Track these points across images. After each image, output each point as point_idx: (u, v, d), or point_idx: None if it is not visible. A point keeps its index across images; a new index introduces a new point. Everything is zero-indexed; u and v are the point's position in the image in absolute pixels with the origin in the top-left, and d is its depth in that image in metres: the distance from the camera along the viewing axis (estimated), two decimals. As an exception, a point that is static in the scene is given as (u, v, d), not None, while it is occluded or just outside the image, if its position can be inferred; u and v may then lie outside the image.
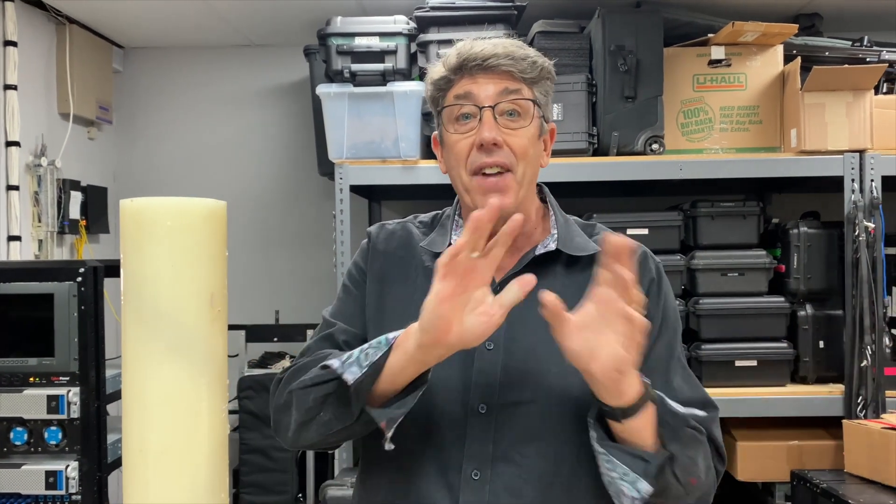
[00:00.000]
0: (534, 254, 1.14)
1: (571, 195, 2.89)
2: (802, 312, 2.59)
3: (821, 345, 2.59)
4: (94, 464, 2.18)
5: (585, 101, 2.56)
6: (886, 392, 2.47)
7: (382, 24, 2.62)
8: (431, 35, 2.61)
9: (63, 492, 2.14)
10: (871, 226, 2.47)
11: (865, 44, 2.78)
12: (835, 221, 2.61)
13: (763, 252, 2.60)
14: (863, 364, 2.45)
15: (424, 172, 2.58)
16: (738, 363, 2.54)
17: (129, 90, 3.55)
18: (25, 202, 2.89)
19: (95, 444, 2.18)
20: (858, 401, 2.46)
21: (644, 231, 2.58)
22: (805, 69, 2.54)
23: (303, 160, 3.46)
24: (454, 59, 1.12)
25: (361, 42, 2.60)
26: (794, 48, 2.70)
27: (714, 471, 1.10)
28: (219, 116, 3.55)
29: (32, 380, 2.18)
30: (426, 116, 2.56)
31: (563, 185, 2.51)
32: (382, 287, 1.18)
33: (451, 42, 1.18)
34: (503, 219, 1.12)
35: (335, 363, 1.02)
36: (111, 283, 2.18)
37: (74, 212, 3.07)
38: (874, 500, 2.10)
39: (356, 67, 2.58)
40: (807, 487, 2.33)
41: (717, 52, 2.63)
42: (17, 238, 2.81)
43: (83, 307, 2.18)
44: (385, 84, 2.59)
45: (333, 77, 2.63)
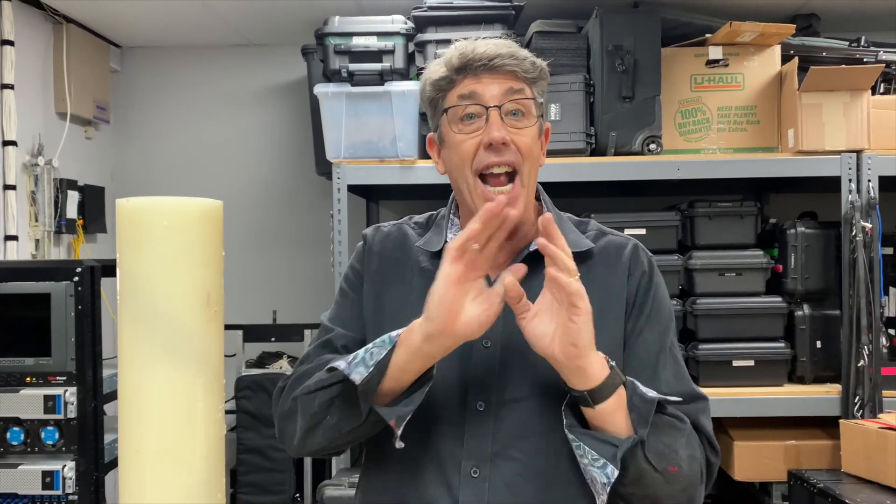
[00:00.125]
0: (528, 251, 1.15)
1: (569, 195, 2.88)
2: (800, 312, 2.60)
3: (818, 345, 2.59)
4: (91, 464, 2.18)
5: (583, 101, 2.56)
6: (883, 392, 2.47)
7: (380, 24, 2.61)
8: (429, 35, 2.61)
9: (60, 492, 2.14)
10: (868, 226, 2.47)
11: (862, 44, 2.78)
12: (832, 221, 2.61)
13: (760, 252, 2.61)
14: (860, 364, 2.46)
15: (422, 172, 2.58)
16: (736, 363, 2.55)
17: (127, 90, 3.55)
18: (22, 202, 2.88)
19: (92, 444, 2.18)
20: (855, 401, 2.46)
21: (642, 231, 2.58)
22: (802, 69, 2.54)
23: (300, 160, 3.46)
24: (457, 60, 1.12)
25: (359, 42, 2.60)
26: (792, 48, 2.71)
27: (703, 462, 1.09)
28: (216, 116, 3.54)
29: (29, 380, 2.17)
30: (424, 116, 2.55)
31: (561, 185, 2.51)
32: (379, 289, 1.19)
33: (449, 42, 1.18)
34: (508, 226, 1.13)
35: (342, 364, 1.03)
36: (108, 283, 2.18)
37: (71, 211, 3.07)
38: (871, 500, 2.11)
39: (354, 67, 2.58)
40: (804, 487, 2.34)
41: (715, 53, 2.63)
42: (14, 238, 2.81)
43: (80, 307, 2.17)
44: (383, 84, 2.59)
45: (331, 77, 2.63)
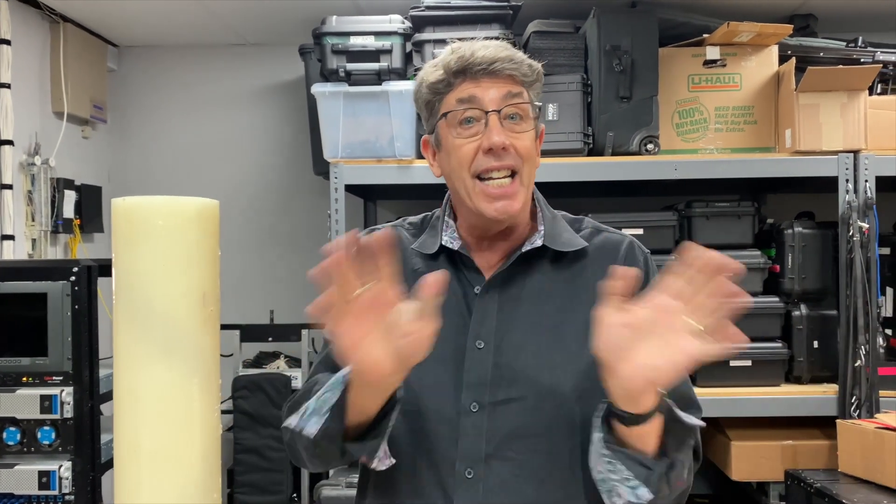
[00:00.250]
0: (521, 251, 1.14)
1: (566, 195, 2.89)
2: (797, 312, 2.60)
3: (815, 345, 2.60)
4: (88, 464, 2.17)
5: (580, 101, 2.56)
6: (880, 392, 2.47)
7: (378, 24, 2.61)
8: (427, 35, 2.60)
9: (56, 492, 2.14)
10: (866, 226, 2.47)
11: (860, 44, 2.78)
12: (829, 222, 2.61)
13: (758, 252, 2.61)
14: (857, 364, 2.46)
15: (420, 172, 2.58)
16: (733, 363, 2.55)
17: (124, 89, 3.54)
18: (19, 201, 2.88)
19: (89, 444, 2.17)
20: (852, 401, 2.47)
21: (639, 231, 2.58)
22: (800, 70, 2.54)
23: (298, 159, 3.46)
24: (455, 63, 1.11)
25: (356, 41, 2.59)
26: (789, 49, 2.71)
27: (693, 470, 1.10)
28: (214, 116, 3.54)
29: (25, 379, 2.17)
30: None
31: (559, 185, 2.52)
32: None
33: (447, 42, 1.17)
34: (506, 224, 1.12)
35: (293, 421, 1.03)
36: (105, 283, 2.17)
37: (68, 211, 3.06)
38: (868, 500, 2.11)
39: (351, 67, 2.58)
40: (801, 487, 2.34)
41: (712, 53, 2.63)
42: (11, 237, 2.80)
43: (77, 306, 2.17)
44: (380, 83, 2.59)
45: (328, 76, 2.62)
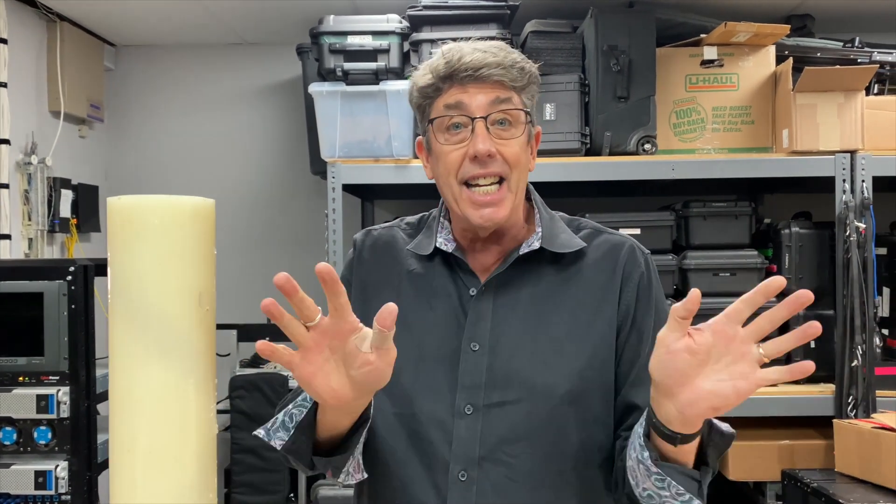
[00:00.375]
0: (518, 253, 1.14)
1: (564, 195, 2.89)
2: (794, 312, 2.60)
3: (812, 345, 2.59)
4: (84, 464, 2.17)
5: (578, 101, 2.56)
6: (877, 392, 2.48)
7: (375, 23, 2.61)
8: (424, 34, 2.60)
9: (52, 492, 2.13)
10: (862, 226, 2.48)
11: (857, 45, 2.79)
12: (826, 222, 2.61)
13: (755, 252, 2.61)
14: (853, 364, 2.46)
15: (417, 171, 2.58)
16: (730, 363, 2.55)
17: (121, 88, 3.54)
18: (15, 200, 2.87)
19: (85, 444, 2.17)
20: (849, 400, 2.47)
21: (636, 231, 2.59)
22: (797, 70, 2.55)
23: (295, 159, 3.45)
24: (443, 68, 1.09)
25: (354, 41, 2.59)
26: (786, 49, 2.71)
27: None
28: (211, 115, 3.53)
29: (22, 379, 2.16)
30: (418, 116, 2.55)
31: (556, 185, 2.52)
32: (367, 296, 1.17)
33: (444, 41, 1.16)
34: (494, 229, 1.12)
35: (261, 432, 1.04)
36: (102, 282, 2.17)
37: (65, 210, 3.05)
38: (864, 499, 2.11)
39: (349, 66, 2.58)
40: (798, 487, 2.34)
41: (710, 53, 2.63)
42: (7, 237, 2.80)
43: (73, 306, 2.16)
44: (378, 83, 2.58)
45: (326, 76, 2.62)
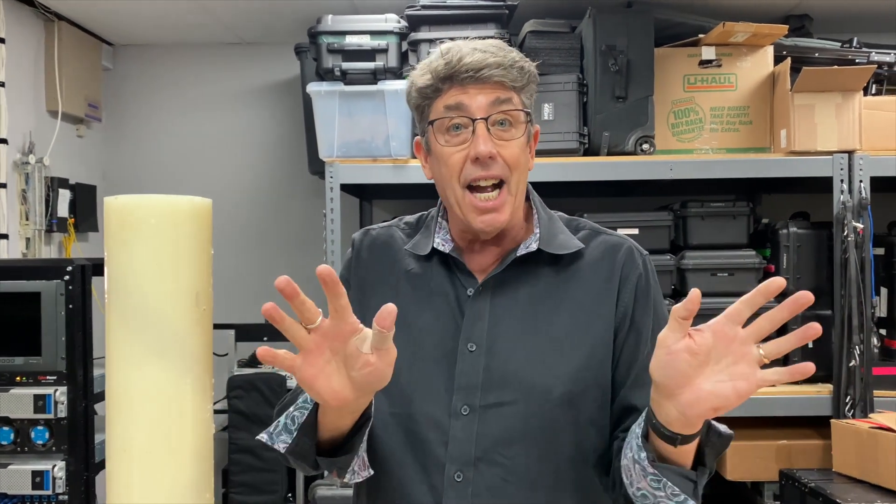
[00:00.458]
0: (515, 255, 1.13)
1: (562, 195, 2.89)
2: (792, 312, 2.60)
3: (809, 345, 2.57)
4: (82, 464, 2.16)
5: (576, 101, 2.56)
6: (875, 392, 2.48)
7: (373, 23, 2.61)
8: (422, 34, 2.60)
9: (50, 492, 2.13)
10: (860, 226, 2.48)
11: (854, 45, 2.79)
12: (824, 222, 2.62)
13: (753, 252, 2.61)
14: (851, 364, 2.46)
15: (415, 171, 2.58)
16: (728, 363, 2.55)
17: (119, 88, 3.53)
18: (13, 200, 2.87)
19: (83, 444, 2.17)
20: (847, 400, 2.47)
21: (634, 231, 2.59)
22: (795, 70, 2.55)
23: (293, 159, 3.45)
24: (443, 69, 1.09)
25: (352, 40, 2.59)
26: (784, 49, 2.71)
27: None
28: (209, 114, 3.53)
29: (19, 379, 2.16)
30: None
31: (554, 185, 2.52)
32: (364, 296, 1.17)
33: (443, 41, 1.15)
34: (496, 233, 1.12)
35: (264, 437, 1.04)
36: (100, 282, 2.17)
37: (63, 210, 3.05)
38: (862, 499, 2.11)
39: (347, 66, 2.57)
40: (795, 487, 2.34)
41: (708, 53, 2.63)
42: (5, 236, 2.79)
43: (71, 306, 2.16)
44: (376, 83, 2.58)
45: (324, 75, 2.62)
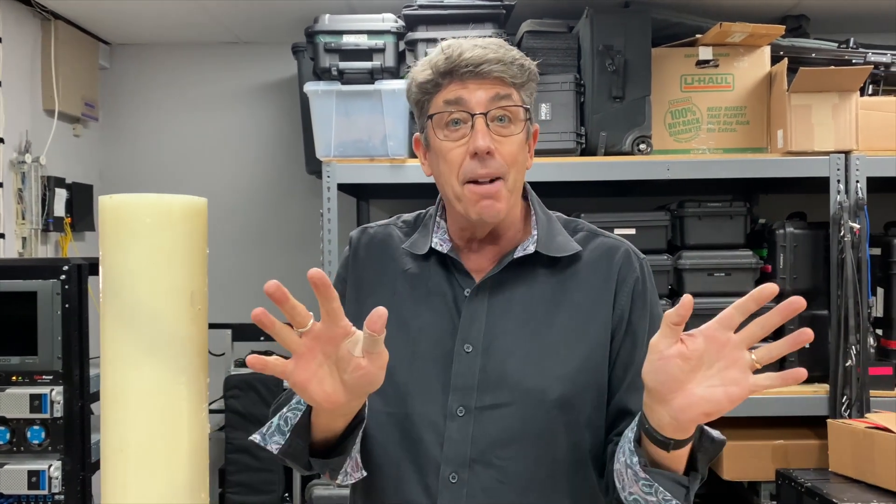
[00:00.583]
0: (512, 257, 1.13)
1: (559, 195, 2.89)
2: (788, 313, 2.60)
3: (806, 345, 2.59)
4: (78, 463, 2.16)
5: (573, 101, 2.56)
6: (871, 391, 2.48)
7: (370, 23, 2.61)
8: (420, 33, 2.60)
9: (46, 492, 2.13)
10: (857, 226, 2.48)
11: (851, 45, 2.79)
12: (821, 222, 2.62)
13: (749, 252, 2.61)
14: (847, 364, 2.47)
15: (412, 171, 2.58)
16: (725, 363, 2.55)
17: (116, 87, 3.53)
18: (9, 199, 2.86)
19: (79, 444, 2.16)
20: (843, 400, 2.47)
21: (631, 231, 2.58)
22: (792, 70, 2.55)
23: (290, 158, 3.45)
24: (443, 63, 1.09)
25: (349, 40, 2.59)
26: (781, 49, 2.72)
27: None
28: (206, 114, 3.53)
29: (15, 378, 2.16)
30: (414, 115, 2.55)
31: (551, 185, 2.52)
32: (361, 295, 1.17)
33: (440, 41, 1.15)
34: (492, 225, 1.12)
35: (257, 437, 1.04)
36: (97, 281, 2.17)
37: (59, 209, 3.04)
38: (858, 499, 2.11)
39: (344, 65, 2.57)
40: (792, 486, 2.34)
41: (705, 53, 2.63)
42: (1, 236, 2.79)
43: (67, 305, 2.16)
44: (373, 82, 2.58)
45: (321, 75, 2.62)
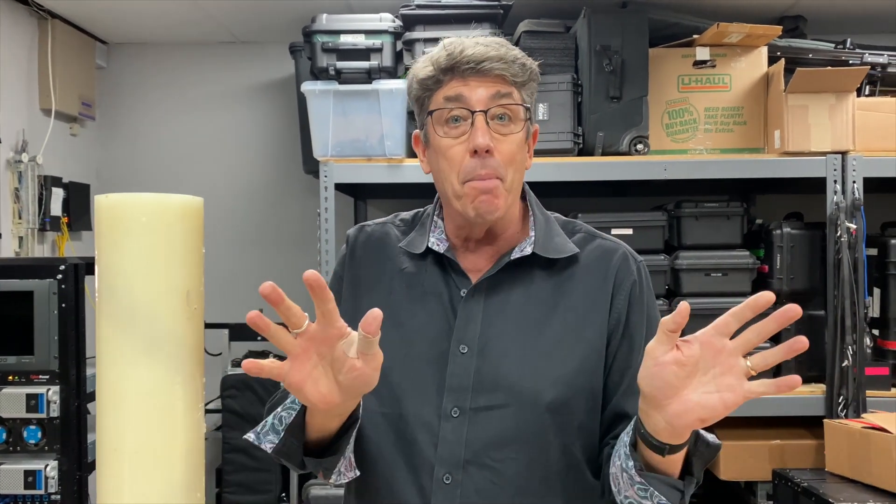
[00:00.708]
0: (509, 257, 1.13)
1: (556, 195, 2.89)
2: (785, 313, 2.60)
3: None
4: (74, 463, 2.16)
5: (571, 101, 2.56)
6: (867, 392, 2.49)
7: (368, 22, 2.61)
8: (417, 33, 2.60)
9: (42, 491, 2.12)
10: (853, 227, 2.49)
11: (848, 46, 2.80)
12: (817, 222, 2.62)
13: (746, 252, 2.62)
14: (844, 364, 2.47)
15: (410, 171, 2.58)
16: (722, 363, 2.55)
17: (113, 86, 3.52)
18: (6, 199, 2.86)
19: (75, 444, 2.16)
20: (839, 400, 2.48)
21: (628, 231, 2.59)
22: (789, 71, 2.55)
23: (288, 158, 3.45)
24: (444, 60, 1.09)
25: (347, 40, 2.59)
26: (779, 50, 2.72)
27: None
28: (203, 113, 3.52)
29: (11, 378, 2.15)
30: (412, 115, 2.55)
31: (548, 185, 2.52)
32: (357, 294, 1.16)
33: (438, 40, 1.15)
34: (489, 224, 1.12)
35: (251, 436, 1.04)
36: (93, 281, 2.16)
37: (56, 209, 3.04)
38: (854, 499, 2.12)
39: (341, 65, 2.57)
40: (788, 486, 2.35)
41: (702, 53, 2.64)
42: (-2, 235, 2.79)
43: (63, 305, 2.15)
44: (370, 82, 2.58)
45: (319, 75, 2.62)
